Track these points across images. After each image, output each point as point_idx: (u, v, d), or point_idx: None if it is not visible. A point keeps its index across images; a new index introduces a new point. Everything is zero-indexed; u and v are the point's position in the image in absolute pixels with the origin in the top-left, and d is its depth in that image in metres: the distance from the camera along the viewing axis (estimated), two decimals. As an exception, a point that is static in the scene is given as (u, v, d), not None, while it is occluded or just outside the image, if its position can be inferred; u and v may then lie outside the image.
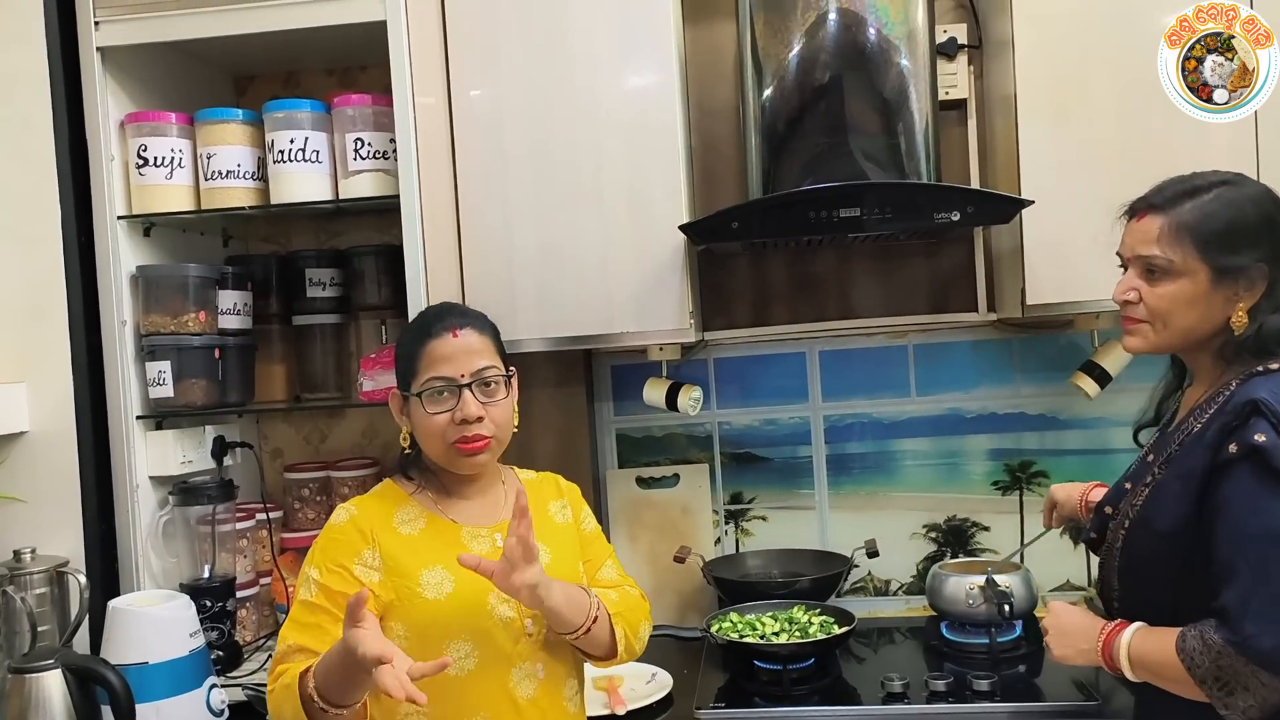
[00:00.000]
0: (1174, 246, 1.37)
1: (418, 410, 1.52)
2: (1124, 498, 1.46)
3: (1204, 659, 1.28)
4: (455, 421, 1.49)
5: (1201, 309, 1.38)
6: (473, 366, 1.51)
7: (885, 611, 2.40)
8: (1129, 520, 1.43)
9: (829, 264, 2.41)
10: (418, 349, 1.53)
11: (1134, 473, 1.50)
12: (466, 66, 2.07)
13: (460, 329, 1.53)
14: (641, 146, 2.04)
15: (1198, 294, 1.37)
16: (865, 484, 2.44)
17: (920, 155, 2.04)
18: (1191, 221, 1.37)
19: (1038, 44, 2.00)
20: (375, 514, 1.54)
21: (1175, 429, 1.45)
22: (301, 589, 1.50)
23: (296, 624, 1.47)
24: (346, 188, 2.12)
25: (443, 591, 1.48)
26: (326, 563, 1.49)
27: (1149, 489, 1.41)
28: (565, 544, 1.62)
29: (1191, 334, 1.40)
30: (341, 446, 2.51)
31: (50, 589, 1.96)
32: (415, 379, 1.52)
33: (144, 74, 2.18)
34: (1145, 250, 1.41)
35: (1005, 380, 2.39)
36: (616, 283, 2.05)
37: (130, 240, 2.13)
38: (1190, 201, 1.38)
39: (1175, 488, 1.36)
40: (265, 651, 2.19)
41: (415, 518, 1.55)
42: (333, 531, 1.53)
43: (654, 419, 2.47)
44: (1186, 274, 1.37)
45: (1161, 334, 1.42)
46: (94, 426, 2.05)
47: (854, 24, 2.02)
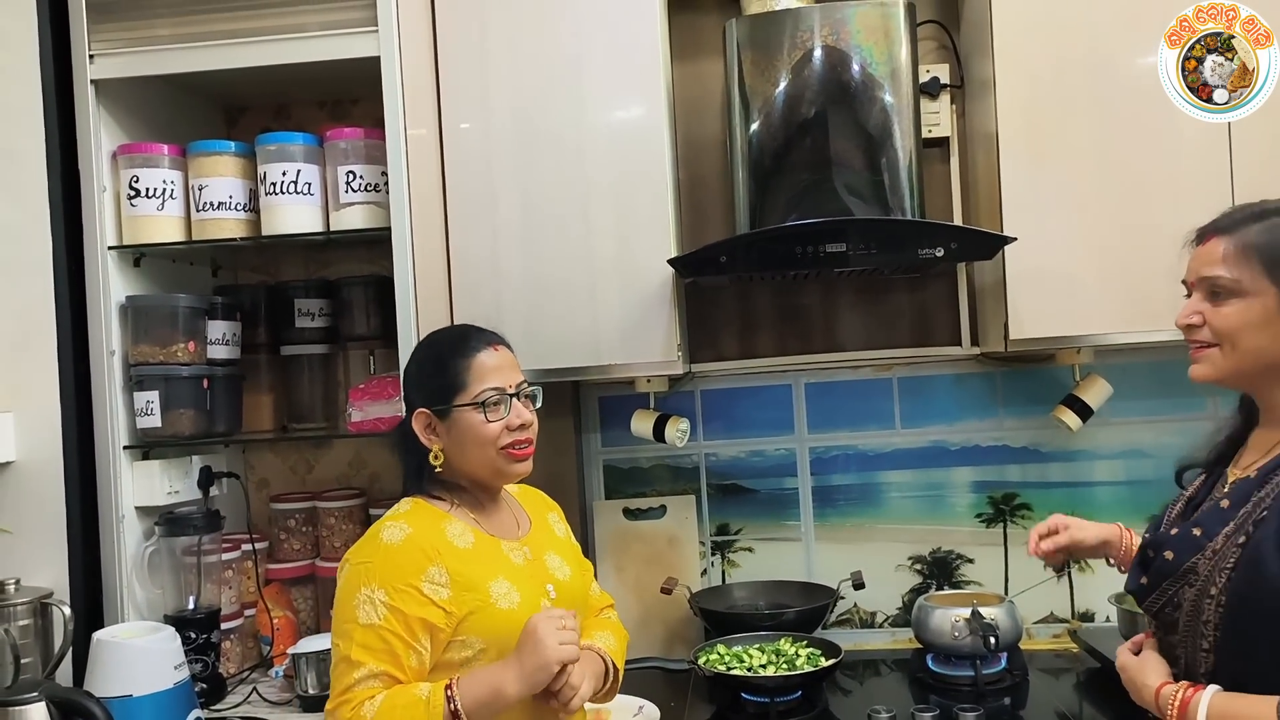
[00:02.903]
0: (1241, 266, 1.31)
1: (468, 421, 1.54)
2: (1197, 552, 1.30)
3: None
4: (510, 428, 1.54)
5: (1272, 331, 1.30)
6: (517, 379, 1.59)
7: (871, 644, 2.40)
8: (1219, 586, 1.27)
9: (815, 298, 2.44)
10: (460, 364, 1.56)
11: (1206, 520, 1.33)
12: (457, 100, 2.10)
13: (499, 345, 1.60)
14: (630, 180, 2.06)
15: (1267, 315, 1.30)
16: (851, 516, 2.45)
17: (904, 191, 2.08)
18: (1259, 242, 1.31)
19: (1018, 84, 2.04)
20: (430, 529, 1.52)
21: (1259, 477, 1.31)
22: (362, 611, 1.43)
23: (367, 649, 1.42)
24: (338, 219, 2.13)
25: (513, 601, 1.50)
26: (394, 583, 1.44)
27: (1243, 550, 1.25)
28: (573, 557, 1.69)
29: (1262, 358, 1.31)
30: (328, 477, 2.51)
31: (34, 620, 1.95)
32: (464, 392, 1.54)
33: (137, 106, 2.20)
34: (1210, 271, 1.34)
35: (989, 413, 2.41)
36: (605, 315, 2.06)
37: (120, 270, 2.14)
38: (1257, 224, 1.33)
39: (1279, 547, 1.22)
40: (249, 684, 2.17)
41: (463, 532, 1.54)
42: (391, 550, 1.47)
43: (641, 450, 2.48)
44: (1254, 294, 1.30)
45: (1230, 357, 1.33)
46: (80, 456, 2.05)
47: (839, 62, 2.06)
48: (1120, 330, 2.01)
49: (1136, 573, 1.41)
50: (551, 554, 1.64)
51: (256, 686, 2.15)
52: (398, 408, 2.10)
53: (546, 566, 1.61)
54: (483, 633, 1.47)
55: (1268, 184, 1.96)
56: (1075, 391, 2.22)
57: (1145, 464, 2.32)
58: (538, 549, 1.62)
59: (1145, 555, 1.39)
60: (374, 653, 1.41)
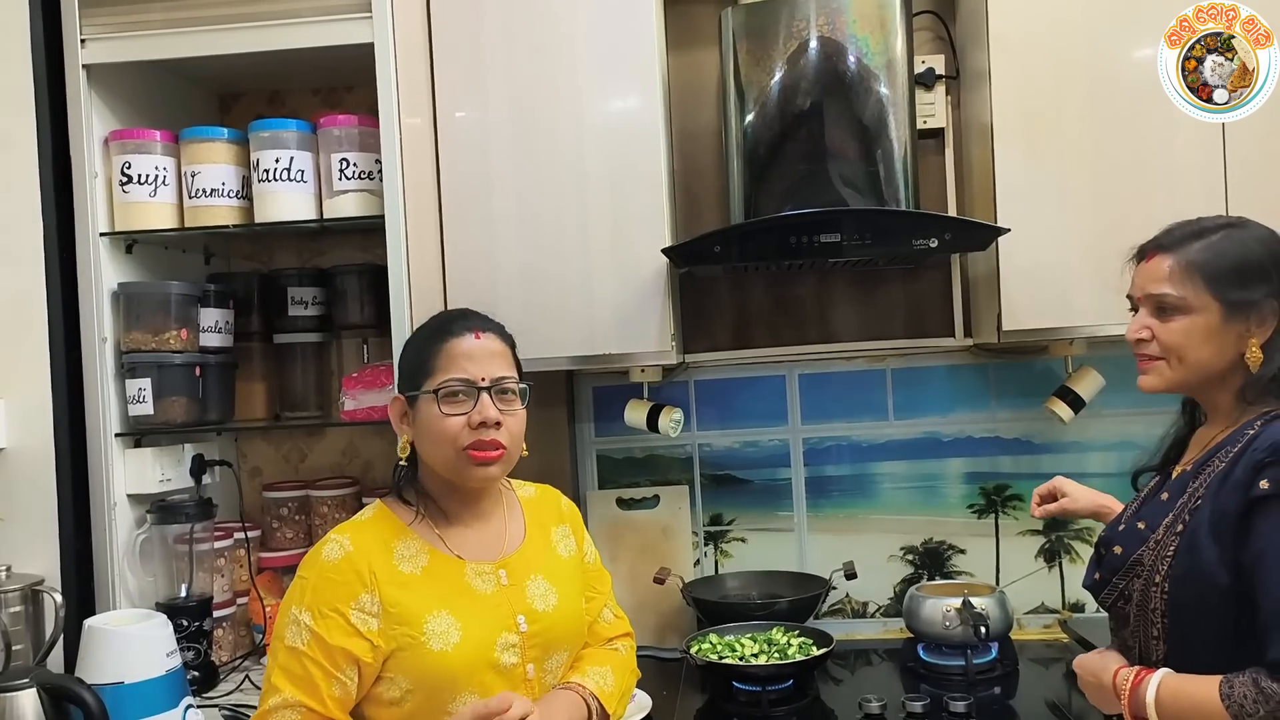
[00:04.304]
0: (1185, 283, 1.39)
1: (428, 412, 1.41)
2: (1141, 544, 1.39)
3: (1259, 708, 1.21)
4: (471, 426, 1.40)
5: (1215, 344, 1.38)
6: (494, 371, 1.43)
7: (863, 633, 2.41)
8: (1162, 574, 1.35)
9: (809, 288, 2.44)
10: (434, 347, 1.44)
11: (1149, 513, 1.42)
12: (452, 88, 2.09)
13: (484, 331, 1.47)
14: (625, 170, 2.06)
15: (1210, 329, 1.38)
16: (844, 506, 2.46)
17: (899, 182, 2.08)
18: (1200, 259, 1.39)
19: (1013, 76, 2.04)
20: (373, 549, 1.40)
21: (1195, 470, 1.39)
22: (289, 631, 1.36)
23: (288, 673, 1.34)
24: (331, 207, 2.13)
25: (449, 642, 1.37)
26: (320, 606, 1.35)
27: (1180, 538, 1.34)
28: (570, 580, 1.54)
29: (1206, 369, 1.40)
30: (321, 466, 2.50)
31: (25, 607, 1.94)
32: (429, 379, 1.42)
33: (129, 91, 2.18)
34: (1156, 289, 1.42)
35: (981, 405, 2.42)
36: (599, 304, 2.06)
37: (112, 257, 2.12)
38: (1199, 241, 1.40)
39: (1213, 534, 1.31)
40: (241, 672, 2.17)
41: (416, 553, 1.42)
42: (326, 570, 1.38)
43: (635, 440, 2.48)
44: (1198, 309, 1.38)
45: (1178, 370, 1.41)
46: (72, 444, 2.04)
47: (834, 53, 2.06)
48: (1113, 322, 2.00)
49: (1091, 569, 1.49)
50: (539, 579, 1.48)
51: (249, 674, 2.14)
52: (390, 396, 2.08)
53: (525, 594, 1.46)
54: (410, 673, 1.36)
55: (1261, 177, 1.98)
56: (1068, 383, 2.23)
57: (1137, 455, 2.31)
58: (519, 572, 1.47)
59: (1099, 552, 1.48)
60: (293, 679, 1.34)
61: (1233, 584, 1.28)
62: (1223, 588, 1.29)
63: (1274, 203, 1.96)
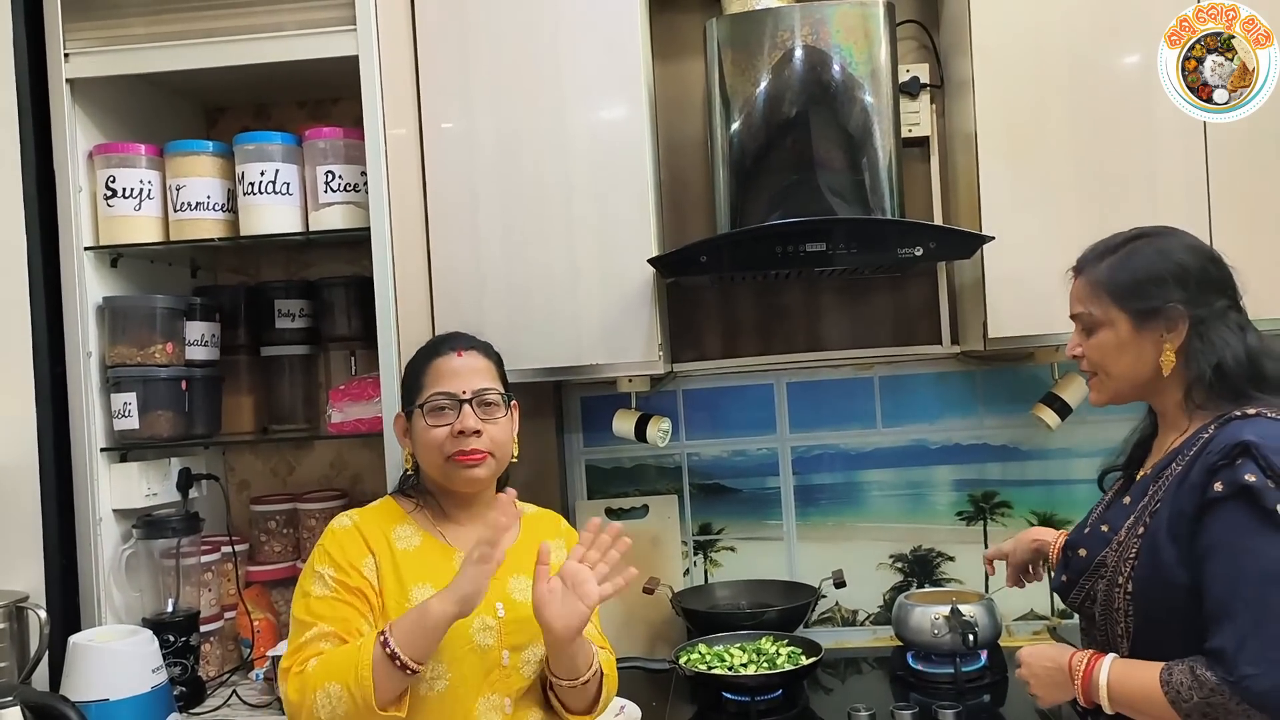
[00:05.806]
0: (1094, 300, 1.48)
1: (419, 425, 1.59)
2: (1104, 546, 1.44)
3: (1193, 694, 1.28)
4: (454, 434, 1.56)
5: (1132, 353, 1.45)
6: (474, 385, 1.60)
7: (852, 642, 2.41)
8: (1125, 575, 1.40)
9: (796, 297, 2.44)
10: (423, 367, 1.62)
11: (1112, 516, 1.47)
12: (437, 100, 2.09)
13: (466, 350, 1.63)
14: (611, 180, 2.06)
15: (1123, 340, 1.45)
16: (832, 515, 2.46)
17: (884, 191, 2.08)
18: (1105, 276, 1.47)
19: (997, 84, 2.05)
20: (375, 525, 1.59)
21: (1154, 474, 1.45)
22: (315, 585, 1.52)
23: (317, 614, 1.49)
24: (317, 220, 2.12)
25: None
26: (340, 560, 1.53)
27: (1141, 540, 1.39)
28: None
29: (1134, 379, 1.47)
30: (309, 478, 2.49)
31: (9, 624, 1.93)
32: (419, 395, 1.60)
33: (113, 105, 2.18)
34: (1076, 309, 1.52)
35: (969, 412, 2.42)
36: (586, 315, 2.06)
37: (97, 271, 2.12)
38: (1107, 259, 1.48)
39: (1171, 535, 1.36)
40: (229, 687, 2.16)
41: (412, 534, 1.60)
42: (339, 534, 1.58)
43: (623, 450, 2.48)
44: (1108, 323, 1.46)
45: (1108, 383, 1.49)
46: (56, 458, 2.03)
47: (819, 62, 2.07)
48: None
49: (1059, 571, 1.55)
50: (521, 577, 1.58)
51: (236, 689, 2.13)
52: (378, 409, 2.09)
53: (506, 585, 1.57)
54: None
55: (1242, 182, 1.99)
56: (1054, 390, 2.23)
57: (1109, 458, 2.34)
58: (504, 567, 1.51)
59: (1066, 555, 1.53)
60: (325, 616, 1.49)
61: (1191, 582, 1.33)
62: (1183, 586, 1.34)
63: (1256, 207, 1.99)
